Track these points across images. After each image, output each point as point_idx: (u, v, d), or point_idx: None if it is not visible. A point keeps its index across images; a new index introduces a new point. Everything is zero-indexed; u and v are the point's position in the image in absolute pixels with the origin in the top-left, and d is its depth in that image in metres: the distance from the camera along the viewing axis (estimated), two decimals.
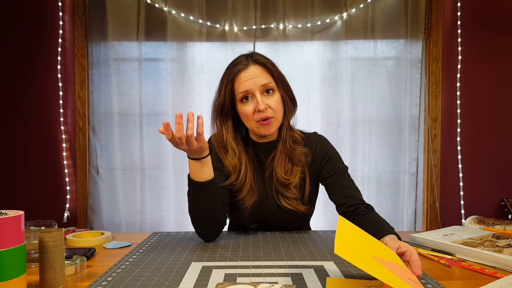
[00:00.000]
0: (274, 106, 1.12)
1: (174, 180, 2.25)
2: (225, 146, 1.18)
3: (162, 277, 0.77)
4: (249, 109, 1.12)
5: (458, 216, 2.24)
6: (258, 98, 1.10)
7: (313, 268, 0.82)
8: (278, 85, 1.14)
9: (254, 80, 1.10)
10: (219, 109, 1.16)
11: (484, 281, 0.74)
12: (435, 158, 2.25)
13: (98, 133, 2.25)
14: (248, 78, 1.11)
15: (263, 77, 1.12)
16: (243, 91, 1.11)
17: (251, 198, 1.15)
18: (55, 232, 0.72)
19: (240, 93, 1.11)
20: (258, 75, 1.11)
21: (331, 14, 2.23)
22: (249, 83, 1.10)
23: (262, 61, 1.13)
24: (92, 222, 2.24)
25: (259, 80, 1.11)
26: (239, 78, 1.12)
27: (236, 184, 1.16)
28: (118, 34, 2.21)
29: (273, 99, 1.12)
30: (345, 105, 2.24)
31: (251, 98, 1.12)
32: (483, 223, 1.23)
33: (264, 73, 1.12)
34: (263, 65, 1.13)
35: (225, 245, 1.02)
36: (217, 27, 2.23)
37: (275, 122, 1.14)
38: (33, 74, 2.23)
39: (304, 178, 1.19)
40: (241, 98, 1.12)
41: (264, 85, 1.11)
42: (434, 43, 2.25)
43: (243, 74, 1.11)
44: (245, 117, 1.14)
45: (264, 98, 1.11)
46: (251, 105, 1.11)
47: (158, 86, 2.25)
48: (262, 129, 1.13)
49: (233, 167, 1.16)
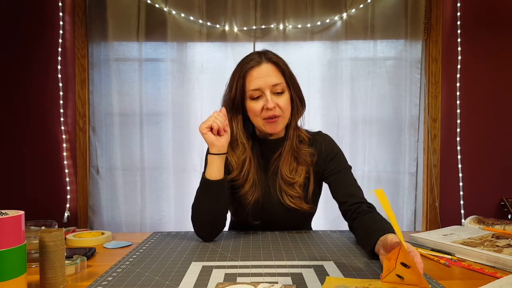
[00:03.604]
0: (283, 105, 1.13)
1: (174, 180, 2.25)
2: (232, 142, 1.18)
3: (162, 277, 0.78)
4: (257, 106, 1.13)
5: (457, 216, 2.24)
6: (268, 97, 1.10)
7: (313, 268, 0.82)
8: (289, 86, 1.15)
9: (265, 78, 1.11)
10: (230, 104, 1.17)
11: (484, 281, 0.74)
12: (435, 158, 2.26)
13: (98, 133, 2.25)
14: (259, 76, 1.11)
15: (275, 76, 1.12)
16: (253, 88, 1.12)
17: (253, 194, 1.15)
18: (55, 232, 0.72)
19: (251, 90, 1.12)
20: (270, 74, 1.12)
21: (331, 14, 2.23)
22: (260, 81, 1.11)
23: (275, 59, 1.14)
24: (92, 222, 2.24)
25: (271, 80, 1.11)
26: (251, 74, 1.12)
27: (239, 179, 1.16)
28: (118, 34, 2.21)
29: (283, 99, 1.13)
30: (345, 105, 2.24)
31: (261, 96, 1.12)
32: (483, 223, 1.23)
33: (276, 72, 1.13)
34: (276, 64, 1.14)
35: (225, 245, 1.02)
36: (217, 27, 2.23)
37: (282, 121, 1.15)
38: (33, 74, 2.23)
39: (309, 177, 1.19)
40: (251, 95, 1.13)
41: (275, 85, 1.12)
42: (434, 43, 2.25)
43: (255, 71, 1.12)
44: (252, 114, 1.15)
45: (274, 97, 1.12)
46: (260, 102, 1.12)
47: (158, 86, 2.25)
48: (268, 127, 1.14)
49: (237, 162, 1.17)
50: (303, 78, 2.21)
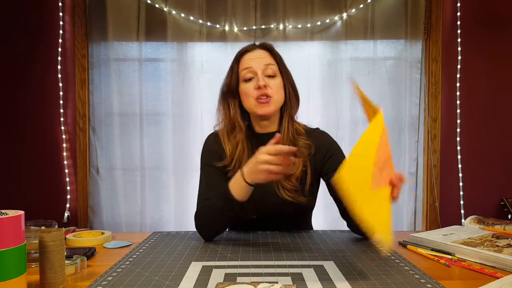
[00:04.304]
0: (274, 87, 1.16)
1: (174, 180, 2.25)
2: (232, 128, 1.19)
3: (162, 277, 0.78)
4: (250, 87, 1.16)
5: (458, 216, 2.24)
6: (260, 76, 1.14)
7: (313, 268, 0.82)
8: (281, 72, 1.19)
9: (257, 59, 1.17)
10: (225, 89, 1.21)
11: (484, 281, 0.74)
12: (435, 158, 2.26)
13: (99, 133, 2.25)
14: (251, 58, 1.18)
15: (267, 58, 1.18)
16: (246, 67, 1.16)
17: None
18: (55, 232, 0.72)
19: (243, 70, 1.17)
20: (262, 56, 1.18)
21: (331, 14, 2.23)
22: (252, 61, 1.17)
23: (269, 46, 1.21)
24: (92, 222, 2.25)
25: (262, 60, 1.17)
26: (244, 58, 1.19)
27: (231, 166, 1.16)
28: (118, 34, 2.21)
29: (274, 81, 1.17)
30: (345, 106, 2.24)
31: (253, 78, 1.16)
32: (483, 223, 1.23)
33: (268, 56, 1.19)
34: (269, 50, 1.20)
35: (225, 245, 1.02)
36: (217, 27, 2.23)
37: (274, 102, 1.16)
38: (33, 74, 2.23)
39: (306, 170, 1.18)
40: (244, 76, 1.17)
41: (267, 64, 1.16)
42: (434, 43, 2.25)
43: (249, 54, 1.19)
44: (245, 96, 1.17)
45: (266, 78, 1.16)
46: (253, 83, 1.16)
47: (158, 86, 2.26)
48: (259, 108, 1.15)
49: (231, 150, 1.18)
50: (303, 78, 2.21)
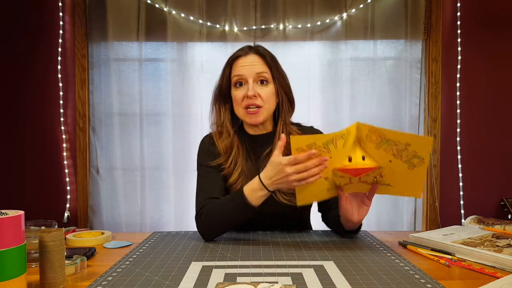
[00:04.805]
0: (265, 96, 1.14)
1: (174, 180, 2.25)
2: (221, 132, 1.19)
3: (162, 277, 0.78)
4: (239, 94, 1.15)
5: (458, 216, 2.24)
6: (250, 85, 1.13)
7: (313, 268, 0.82)
8: (274, 78, 1.17)
9: (249, 67, 1.14)
10: (217, 92, 1.21)
11: (484, 281, 0.74)
12: (435, 158, 2.25)
13: (98, 133, 2.25)
14: (244, 64, 1.15)
15: (260, 66, 1.15)
16: (237, 74, 1.15)
17: (242, 183, 1.12)
18: (55, 232, 0.72)
19: (234, 76, 1.15)
20: (255, 63, 1.15)
21: (331, 14, 2.23)
22: (244, 69, 1.14)
23: (262, 51, 1.17)
24: (92, 222, 2.25)
25: (255, 68, 1.14)
26: (236, 63, 1.16)
27: (226, 166, 1.16)
28: (118, 34, 2.21)
29: (266, 89, 1.15)
30: (345, 105, 2.24)
31: (245, 85, 1.15)
32: (483, 223, 1.23)
33: (261, 63, 1.16)
34: (262, 56, 1.17)
35: (225, 245, 1.02)
36: (217, 27, 2.23)
37: (264, 112, 1.15)
38: (33, 74, 2.23)
39: None
40: (235, 82, 1.16)
41: (259, 73, 1.14)
42: (434, 43, 2.25)
43: (241, 60, 1.16)
44: (235, 103, 1.17)
45: (257, 87, 1.14)
46: (243, 90, 1.14)
47: (158, 86, 2.25)
48: (248, 118, 1.15)
49: (224, 149, 1.17)
50: (303, 78, 2.21)
